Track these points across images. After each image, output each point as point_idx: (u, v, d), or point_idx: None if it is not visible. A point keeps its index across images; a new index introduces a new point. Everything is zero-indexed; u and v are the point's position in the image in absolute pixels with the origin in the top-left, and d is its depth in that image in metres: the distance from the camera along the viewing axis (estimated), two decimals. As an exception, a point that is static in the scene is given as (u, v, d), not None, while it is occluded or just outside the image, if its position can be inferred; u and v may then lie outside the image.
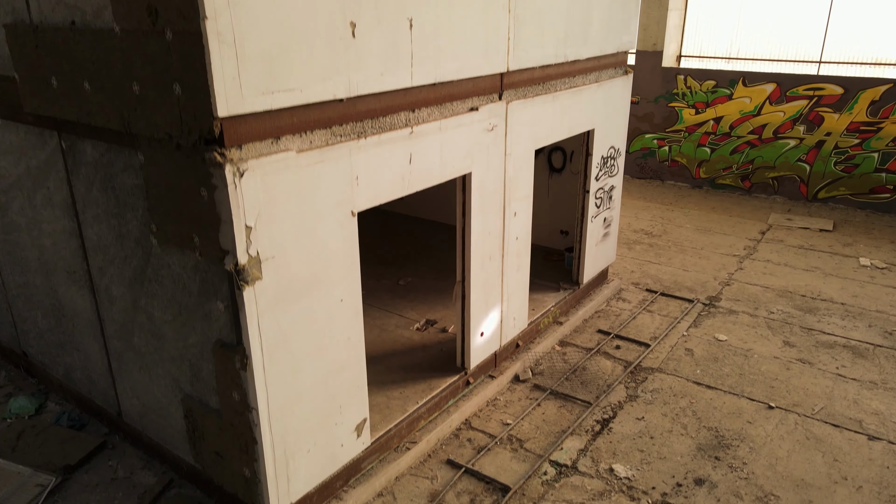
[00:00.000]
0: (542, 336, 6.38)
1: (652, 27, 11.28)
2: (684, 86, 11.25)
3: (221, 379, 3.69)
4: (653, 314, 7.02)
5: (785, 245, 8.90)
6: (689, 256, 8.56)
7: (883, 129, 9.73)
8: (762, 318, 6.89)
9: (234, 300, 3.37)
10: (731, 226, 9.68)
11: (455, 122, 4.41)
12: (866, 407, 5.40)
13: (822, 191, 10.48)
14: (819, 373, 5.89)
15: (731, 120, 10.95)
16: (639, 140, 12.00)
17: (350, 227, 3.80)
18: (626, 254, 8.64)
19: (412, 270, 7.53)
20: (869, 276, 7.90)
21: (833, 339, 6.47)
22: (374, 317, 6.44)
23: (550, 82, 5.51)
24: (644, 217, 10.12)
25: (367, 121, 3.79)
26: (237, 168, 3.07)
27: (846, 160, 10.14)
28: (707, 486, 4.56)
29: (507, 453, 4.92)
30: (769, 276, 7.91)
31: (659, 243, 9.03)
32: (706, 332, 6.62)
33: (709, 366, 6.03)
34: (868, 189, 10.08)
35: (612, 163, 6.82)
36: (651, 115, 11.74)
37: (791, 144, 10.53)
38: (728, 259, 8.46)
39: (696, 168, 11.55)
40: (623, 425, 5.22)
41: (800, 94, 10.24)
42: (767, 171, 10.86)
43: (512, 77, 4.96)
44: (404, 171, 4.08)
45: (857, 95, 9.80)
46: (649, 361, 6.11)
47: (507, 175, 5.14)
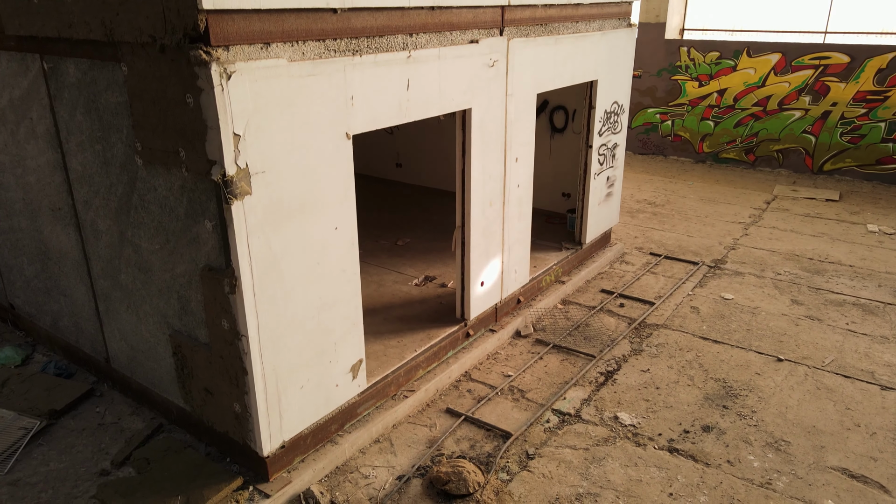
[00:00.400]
0: (543, 294, 6.22)
1: None
2: (687, 58, 11.08)
3: (210, 307, 3.53)
4: (657, 275, 6.86)
5: (791, 213, 8.74)
6: (694, 224, 8.39)
7: (890, 97, 9.56)
8: (769, 279, 6.73)
9: (223, 218, 3.20)
10: (735, 196, 9.51)
11: (454, 52, 4.24)
12: (878, 359, 5.24)
13: (827, 163, 10.32)
14: (829, 328, 5.73)
15: (735, 92, 10.78)
16: (641, 115, 11.83)
17: (345, 150, 3.63)
18: (629, 221, 8.48)
19: (410, 233, 7.37)
20: (877, 240, 7.74)
21: (842, 297, 6.30)
22: (372, 273, 6.28)
23: (553, 24, 5.34)
24: (647, 189, 9.95)
25: (363, 39, 3.63)
26: (224, 69, 2.90)
27: (852, 131, 9.97)
28: (715, 433, 4.40)
29: (509, 403, 4.76)
30: (775, 241, 7.75)
31: (662, 212, 8.86)
32: (712, 292, 6.46)
33: (715, 322, 5.87)
34: (874, 160, 9.92)
35: (615, 119, 6.65)
36: (654, 89, 11.56)
37: (796, 116, 10.36)
38: (733, 226, 8.29)
39: (700, 142, 11.38)
40: (628, 377, 5.06)
41: (805, 63, 10.07)
42: (772, 144, 10.69)
43: (513, 13, 4.79)
44: (401, 97, 3.91)
45: (863, 63, 9.63)
46: (654, 318, 5.95)
47: (509, 117, 4.97)
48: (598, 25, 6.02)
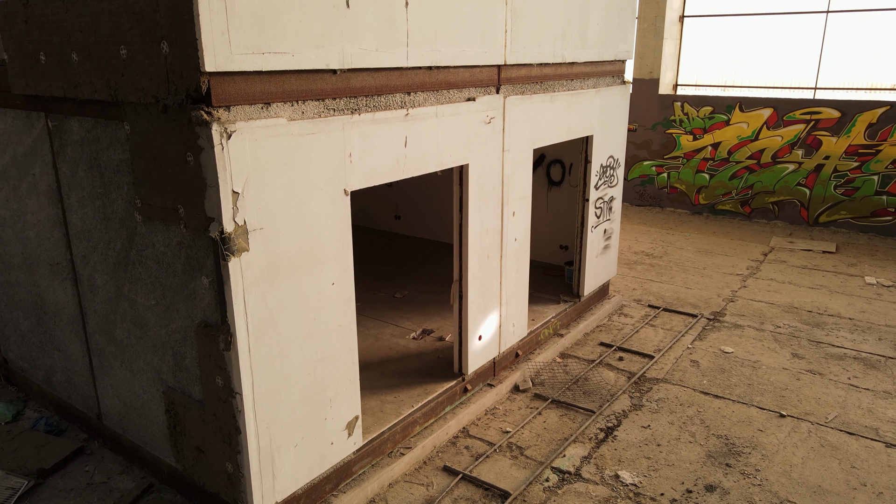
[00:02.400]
0: (542, 347, 6.17)
1: (648, 55, 11.42)
2: (681, 112, 11.31)
3: (205, 363, 3.49)
4: (656, 328, 6.82)
5: (788, 265, 8.76)
6: (691, 275, 8.40)
7: (882, 151, 9.71)
8: (769, 332, 6.69)
9: (220, 275, 3.21)
10: (732, 248, 9.55)
11: (452, 110, 4.33)
12: (881, 415, 5.16)
13: (823, 214, 10.40)
14: (830, 383, 5.67)
15: (729, 145, 10.96)
16: (637, 167, 12.00)
17: (343, 206, 3.67)
18: (627, 273, 8.48)
19: (408, 285, 7.36)
20: (875, 293, 7.73)
21: (843, 351, 6.25)
22: (369, 327, 6.24)
23: (548, 82, 5.47)
24: (644, 240, 10.00)
25: (362, 98, 3.71)
26: (224, 129, 2.95)
27: (846, 183, 10.09)
28: (719, 493, 4.29)
29: (507, 460, 4.66)
30: (774, 294, 7.74)
31: (660, 263, 8.88)
32: (711, 345, 6.41)
33: (716, 376, 5.80)
34: (869, 212, 10.00)
35: (611, 172, 6.74)
36: (649, 143, 11.76)
37: (790, 169, 10.51)
38: (731, 278, 8.30)
39: (696, 194, 11.50)
40: (628, 433, 4.97)
41: (797, 118, 10.28)
42: (767, 196, 10.80)
43: (510, 71, 4.92)
44: (399, 153, 3.97)
45: (854, 118, 9.83)
46: (654, 372, 5.89)
47: (505, 171, 5.04)
48: (593, 83, 6.16)
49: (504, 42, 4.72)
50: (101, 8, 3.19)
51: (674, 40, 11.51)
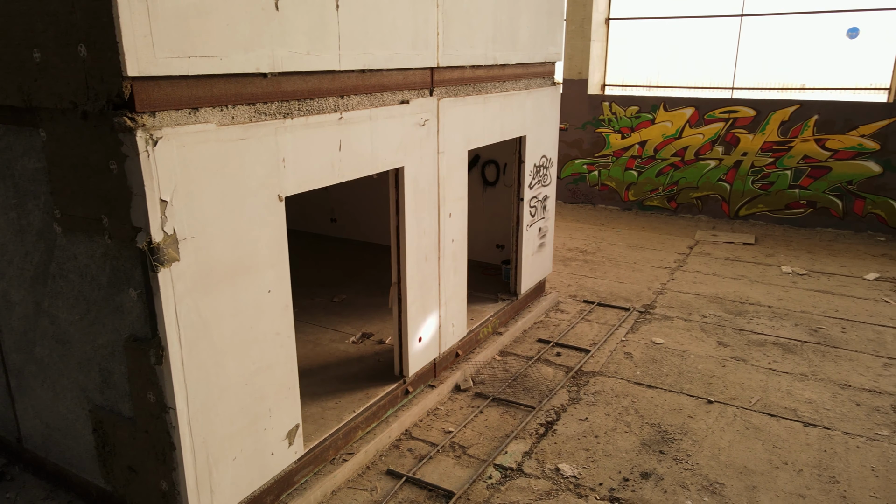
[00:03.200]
0: (481, 346, 6.24)
1: (577, 57, 11.71)
2: (610, 112, 11.66)
3: (135, 379, 3.36)
4: (591, 323, 7.02)
5: (712, 257, 9.17)
6: (623, 270, 8.68)
7: (793, 147, 10.31)
8: (696, 322, 7.00)
9: (149, 286, 3.09)
10: (660, 242, 9.93)
11: (386, 113, 4.32)
12: (799, 397, 5.49)
13: (742, 208, 10.95)
14: (753, 368, 5.98)
15: (655, 143, 11.38)
16: (569, 166, 12.29)
17: (278, 213, 3.60)
18: (562, 270, 8.68)
19: (346, 289, 7.29)
20: (791, 281, 8.20)
21: (763, 337, 6.61)
22: (308, 332, 6.15)
23: (481, 84, 5.53)
24: (578, 237, 10.26)
25: (294, 102, 3.65)
26: (150, 135, 2.85)
27: (762, 178, 10.66)
28: (653, 479, 4.46)
29: (450, 460, 4.69)
30: (699, 285, 8.10)
31: (594, 259, 9.13)
32: (643, 337, 6.65)
33: (648, 367, 6.02)
34: (784, 205, 10.60)
35: (544, 172, 6.88)
36: (580, 141, 12.07)
37: (711, 165, 11.01)
38: (660, 271, 8.62)
39: (625, 191, 11.88)
40: (567, 427, 5.09)
41: (716, 116, 10.77)
42: (691, 192, 11.28)
43: (443, 74, 4.94)
44: (334, 157, 3.93)
45: (768, 117, 10.39)
46: (590, 366, 6.05)
47: (441, 173, 5.07)
48: (525, 84, 6.28)
49: (436, 44, 4.74)
50: (11, 9, 3.01)
51: (601, 42, 11.85)
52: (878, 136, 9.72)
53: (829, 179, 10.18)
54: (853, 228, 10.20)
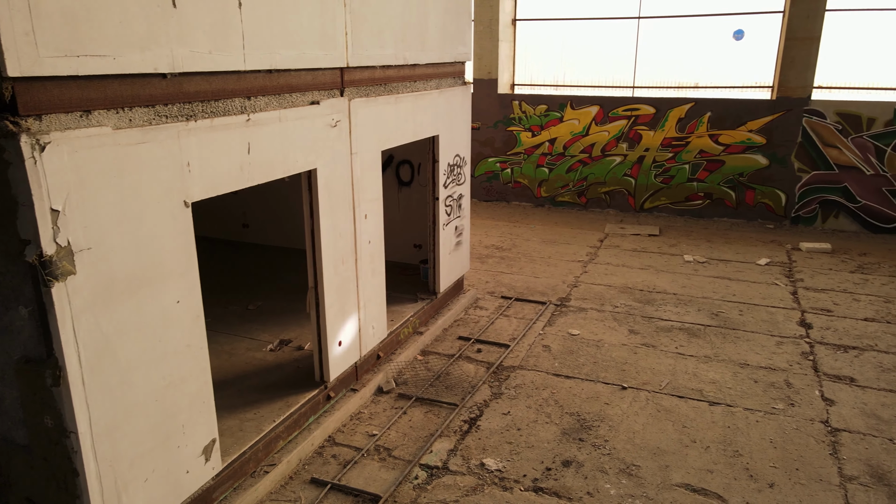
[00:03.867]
0: (403, 346, 6.22)
1: (486, 57, 11.90)
2: (520, 111, 11.92)
3: (29, 404, 3.11)
4: (510, 318, 7.15)
5: (621, 249, 9.57)
6: (539, 265, 8.90)
7: (690, 143, 10.92)
8: (608, 312, 7.28)
9: (41, 303, 2.87)
10: (572, 236, 10.26)
11: (296, 114, 4.22)
12: (704, 377, 5.82)
13: (647, 201, 11.49)
14: (662, 354, 6.28)
15: (563, 141, 11.74)
16: (483, 164, 12.47)
17: (184, 219, 3.44)
18: (479, 267, 8.80)
19: (262, 295, 7.08)
20: (693, 269, 8.69)
21: (670, 323, 6.96)
22: (222, 342, 5.92)
23: (392, 84, 5.51)
24: (494, 234, 10.43)
25: (198, 103, 3.50)
26: (36, 140, 2.65)
27: (664, 172, 11.23)
28: (574, 466, 4.60)
29: (375, 464, 4.65)
30: (611, 276, 8.43)
31: (510, 256, 9.31)
32: (560, 329, 6.85)
33: (566, 358, 6.21)
34: (684, 197, 11.22)
35: (458, 171, 6.95)
36: (492, 140, 12.27)
37: (617, 161, 11.48)
38: (573, 265, 8.91)
39: (538, 188, 12.19)
40: (490, 422, 5.17)
41: (620, 114, 11.25)
42: (599, 187, 11.73)
43: (353, 74, 4.89)
44: (243, 160, 3.80)
45: (666, 114, 10.95)
46: (510, 360, 6.17)
47: (355, 175, 5.01)
48: (436, 84, 6.31)
49: (345, 44, 4.68)
50: None
51: (508, 42, 12.10)
52: (764, 131, 10.46)
53: (723, 172, 10.85)
54: (745, 217, 10.93)
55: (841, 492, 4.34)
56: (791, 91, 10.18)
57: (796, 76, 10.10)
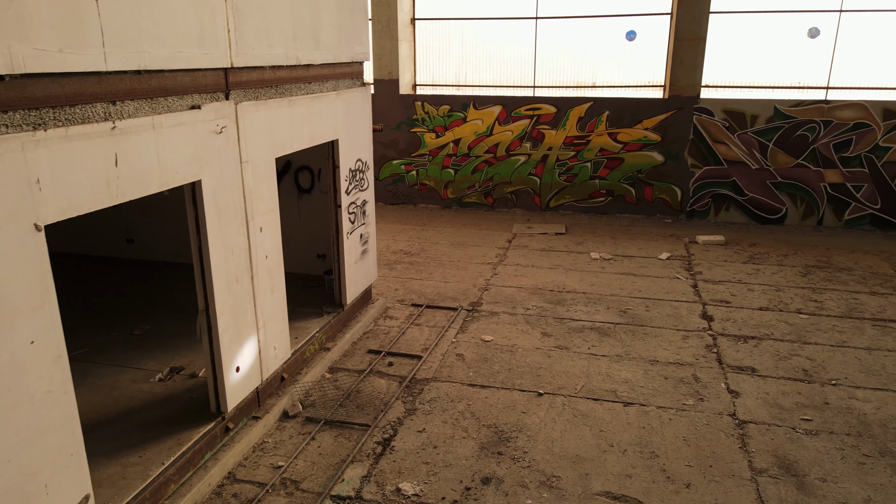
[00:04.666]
0: (309, 365, 5.84)
1: (386, 56, 11.60)
2: (422, 111, 11.71)
3: None
4: (421, 327, 6.91)
5: (530, 249, 9.57)
6: (449, 269, 8.72)
7: (591, 141, 11.12)
8: (520, 315, 7.19)
9: None
10: (481, 238, 10.16)
11: (173, 120, 3.77)
12: (617, 377, 5.83)
13: (552, 200, 11.61)
14: (575, 355, 6.25)
15: (468, 141, 11.64)
16: (387, 167, 12.17)
17: (36, 245, 2.94)
18: (388, 274, 8.51)
19: (149, 318, 6.45)
20: (600, 266, 8.80)
21: (581, 323, 6.97)
22: (102, 376, 5.30)
23: (285, 86, 5.12)
24: (401, 238, 10.16)
25: (48, 109, 3.00)
26: None
27: (567, 171, 11.38)
28: (494, 483, 4.42)
29: (282, 499, 4.26)
30: (521, 278, 8.37)
31: (419, 260, 9.08)
32: (473, 336, 6.68)
33: (480, 367, 6.04)
34: (587, 195, 11.41)
35: (361, 176, 6.63)
36: (396, 142, 11.99)
37: (522, 160, 11.52)
38: (483, 267, 8.79)
39: (444, 189, 12.04)
40: (405, 441, 4.90)
41: (522, 114, 11.29)
42: (505, 187, 11.72)
43: (239, 75, 4.47)
44: (109, 174, 3.32)
45: (567, 113, 11.09)
46: (424, 373, 5.93)
47: (247, 185, 4.59)
48: (333, 85, 5.96)
49: (228, 43, 4.26)
50: None
51: (408, 42, 11.86)
52: (658, 129, 10.80)
53: (622, 170, 11.12)
54: (645, 213, 11.27)
55: (752, 486, 4.40)
56: (682, 90, 10.56)
57: (686, 76, 10.50)
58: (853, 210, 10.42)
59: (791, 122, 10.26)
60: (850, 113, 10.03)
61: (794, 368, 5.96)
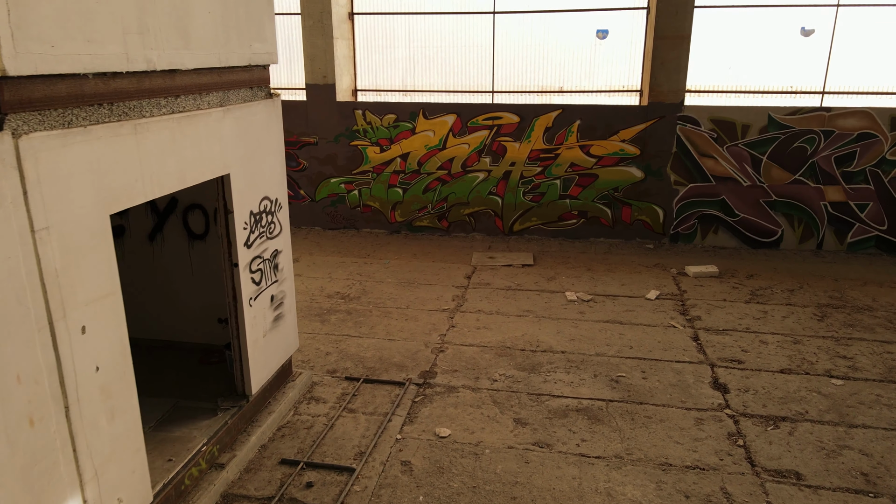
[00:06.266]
0: (189, 499, 4.09)
1: (319, 57, 9.85)
2: (364, 121, 10.01)
3: None
4: (356, 414, 5.24)
5: (493, 289, 7.98)
6: (395, 320, 7.06)
7: (560, 155, 9.61)
8: (486, 391, 5.58)
9: None
10: (434, 273, 8.53)
11: None
12: (621, 497, 4.27)
13: (516, 223, 10.06)
14: (560, 458, 4.67)
15: (418, 156, 10.00)
16: (325, 186, 10.42)
17: None
18: (318, 329, 6.79)
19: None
20: (578, 311, 7.27)
21: (564, 402, 5.40)
22: None
23: (128, 103, 3.37)
24: (339, 276, 8.45)
25: None
26: None
27: (533, 189, 9.84)
28: None
29: None
30: (484, 331, 6.77)
31: (358, 308, 7.38)
32: (425, 429, 5.04)
33: (434, 484, 4.40)
34: (557, 217, 9.90)
35: (270, 219, 4.91)
36: (334, 157, 10.26)
37: (480, 178, 9.94)
38: (437, 316, 7.16)
39: (391, 211, 10.36)
40: None
41: (480, 124, 9.70)
42: (462, 208, 10.12)
43: (24, 89, 2.71)
44: None
45: (532, 123, 9.56)
46: (356, 499, 4.25)
47: (47, 266, 2.84)
48: (219, 99, 4.23)
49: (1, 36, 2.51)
50: None
51: (346, 40, 10.13)
52: (637, 141, 9.37)
53: (596, 187, 9.65)
54: (623, 237, 9.82)
55: None
56: (663, 96, 9.15)
57: (667, 79, 9.08)
58: (857, 231, 9.18)
59: (788, 132, 8.95)
60: (854, 122, 8.77)
61: (848, 472, 4.52)
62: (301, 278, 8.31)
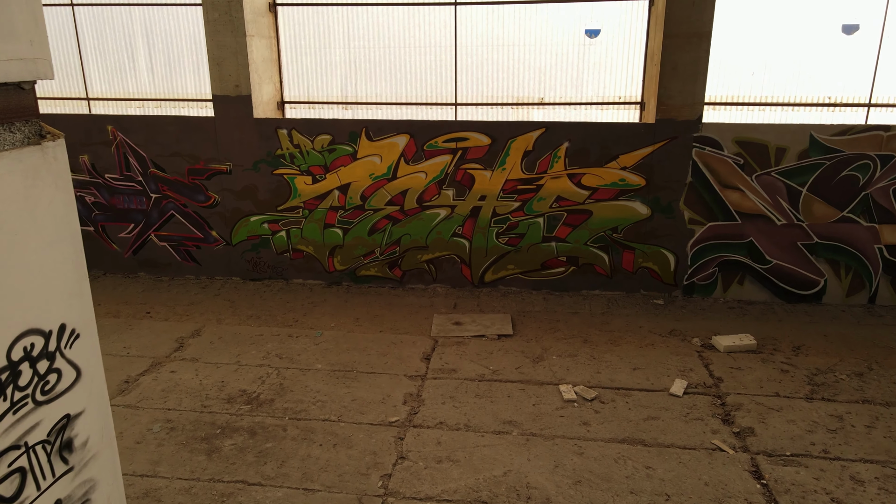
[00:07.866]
0: None
1: (229, 61, 7.55)
2: (291, 144, 7.74)
3: None
4: None
5: (460, 379, 5.81)
6: (319, 448, 4.83)
7: (543, 186, 7.50)
8: None
9: None
10: (382, 352, 6.32)
11: None
12: None
13: (488, 272, 7.91)
14: None
15: (361, 188, 7.77)
16: (243, 226, 8.12)
17: None
18: (199, 473, 4.52)
19: None
20: (581, 422, 5.14)
21: None
22: None
23: None
24: (251, 360, 6.17)
25: None
26: None
27: (509, 230, 7.71)
28: None
29: None
30: (449, 466, 4.59)
31: (268, 423, 5.13)
32: None
33: None
34: (540, 264, 7.79)
35: (44, 369, 2.63)
36: (253, 189, 7.96)
37: (442, 215, 7.76)
38: (381, 436, 4.96)
39: (329, 258, 8.11)
40: None
41: (440, 146, 7.52)
42: (419, 253, 7.93)
43: None
44: None
45: (507, 145, 7.42)
46: None
47: None
48: None
49: None
50: None
51: (267, 39, 7.85)
52: (641, 168, 7.32)
53: (590, 227, 7.57)
54: (624, 289, 7.76)
55: None
56: (675, 110, 7.11)
57: (680, 89, 7.05)
58: (918, 282, 7.30)
59: (835, 156, 7.00)
60: (919, 144, 6.87)
61: None
62: (196, 365, 6.02)
